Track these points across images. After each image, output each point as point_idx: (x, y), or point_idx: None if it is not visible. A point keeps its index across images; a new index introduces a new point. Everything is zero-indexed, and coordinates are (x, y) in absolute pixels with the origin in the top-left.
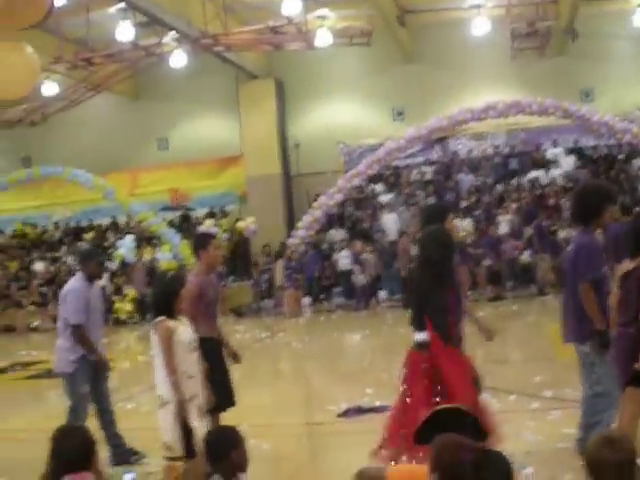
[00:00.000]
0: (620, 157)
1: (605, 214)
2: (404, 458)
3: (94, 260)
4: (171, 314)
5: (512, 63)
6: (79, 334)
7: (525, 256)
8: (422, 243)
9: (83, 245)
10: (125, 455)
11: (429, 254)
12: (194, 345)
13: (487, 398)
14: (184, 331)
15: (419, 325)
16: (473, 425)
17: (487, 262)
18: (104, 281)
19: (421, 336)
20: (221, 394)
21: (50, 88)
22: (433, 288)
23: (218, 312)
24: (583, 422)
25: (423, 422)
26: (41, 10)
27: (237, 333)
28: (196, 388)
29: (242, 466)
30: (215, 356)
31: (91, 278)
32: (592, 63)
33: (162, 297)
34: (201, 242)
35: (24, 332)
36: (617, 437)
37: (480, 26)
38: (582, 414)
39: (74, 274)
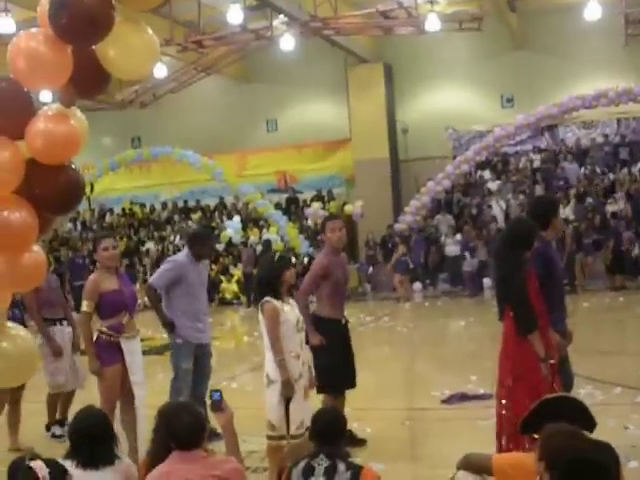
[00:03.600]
0: None
1: None
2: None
3: (201, 242)
4: (277, 295)
5: (625, 50)
6: (150, 294)
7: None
8: (500, 236)
9: (193, 226)
10: None
11: (502, 247)
12: (301, 326)
13: (590, 390)
14: (290, 311)
15: (502, 315)
16: (581, 414)
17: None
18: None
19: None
20: (341, 375)
21: (160, 70)
22: (510, 279)
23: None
24: None
25: (530, 412)
26: None
27: None
28: (302, 368)
29: (346, 452)
30: (337, 337)
31: (198, 257)
32: None
33: (267, 278)
34: (322, 225)
35: None
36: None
37: (592, 11)
38: None
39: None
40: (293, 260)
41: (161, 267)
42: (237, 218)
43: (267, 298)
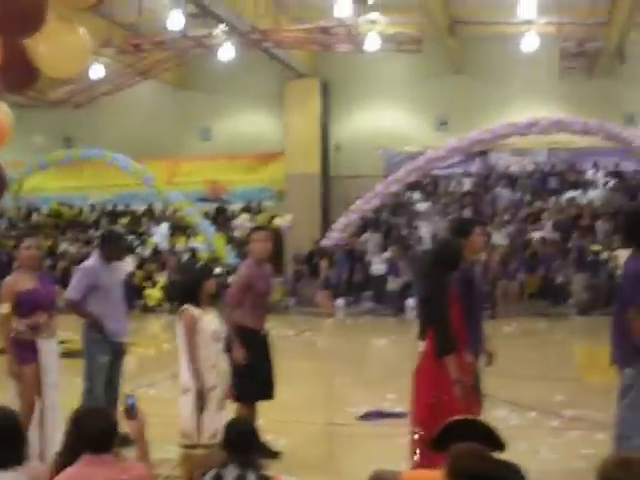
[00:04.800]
0: None
1: None
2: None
3: (110, 244)
4: (196, 303)
5: (559, 81)
6: (72, 308)
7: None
8: (426, 256)
9: (108, 228)
10: None
11: (427, 267)
12: (219, 335)
13: (506, 413)
14: (209, 321)
15: (422, 335)
16: (489, 436)
17: (521, 278)
18: (130, 266)
19: (422, 346)
20: (256, 386)
21: (97, 71)
22: (433, 300)
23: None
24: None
25: (441, 430)
26: None
27: None
28: (218, 378)
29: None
30: (257, 348)
31: (108, 259)
32: (638, 87)
33: (187, 286)
34: (248, 235)
35: None
36: (636, 460)
37: (530, 42)
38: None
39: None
40: (219, 270)
41: (73, 278)
42: (165, 225)
43: (186, 306)
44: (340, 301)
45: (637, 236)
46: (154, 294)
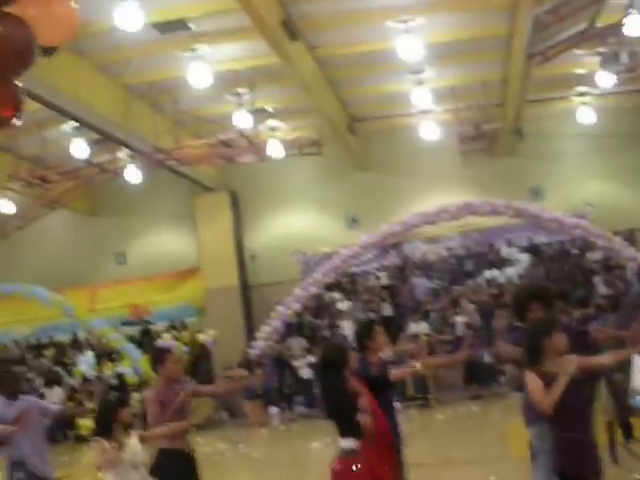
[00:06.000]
0: (574, 252)
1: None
2: None
3: (6, 380)
4: (109, 434)
5: (462, 165)
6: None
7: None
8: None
9: (46, 363)
10: None
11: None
12: (137, 462)
13: None
14: (128, 449)
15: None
16: None
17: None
18: (57, 397)
19: (348, 443)
20: None
21: (7, 206)
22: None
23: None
24: None
25: None
26: None
27: (197, 445)
28: None
29: None
30: (181, 469)
31: (10, 397)
32: (540, 162)
33: (99, 418)
34: (158, 357)
35: None
36: None
37: (429, 131)
38: None
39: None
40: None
41: None
42: (90, 353)
43: (96, 438)
44: (273, 409)
45: (517, 312)
46: (86, 424)
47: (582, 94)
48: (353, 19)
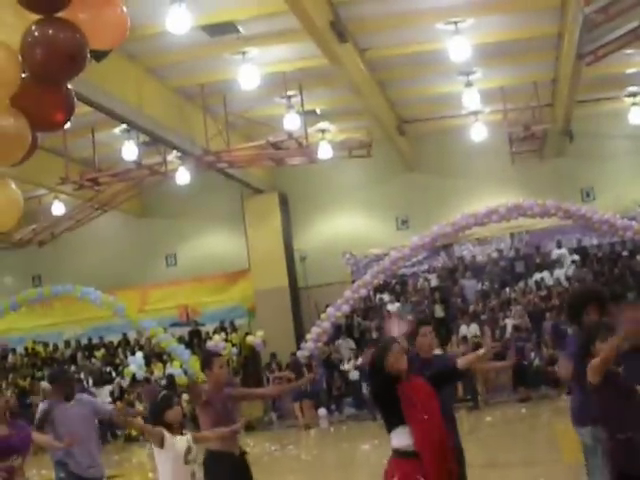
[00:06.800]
0: (624, 254)
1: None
2: None
3: (61, 381)
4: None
5: (512, 167)
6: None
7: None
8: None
9: (97, 364)
10: None
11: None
12: (191, 458)
13: None
14: (179, 442)
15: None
16: None
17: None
18: (105, 397)
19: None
20: None
21: (58, 208)
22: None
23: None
24: None
25: None
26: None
27: (247, 447)
28: None
29: None
30: (229, 471)
31: (66, 398)
32: (591, 162)
33: (150, 417)
34: (205, 361)
35: None
36: None
37: (478, 132)
38: None
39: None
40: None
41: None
42: (139, 354)
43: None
44: (322, 410)
45: (572, 315)
46: None
47: (633, 94)
48: (402, 21)
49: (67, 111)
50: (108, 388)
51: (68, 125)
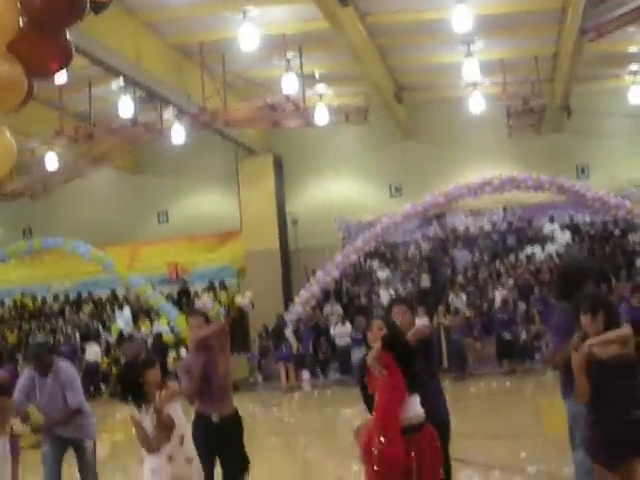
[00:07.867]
0: (616, 233)
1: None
2: None
3: (34, 361)
4: (139, 397)
5: (508, 140)
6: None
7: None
8: None
9: (84, 319)
10: None
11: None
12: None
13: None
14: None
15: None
16: None
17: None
18: (93, 355)
19: None
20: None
21: (51, 161)
22: None
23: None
24: None
25: None
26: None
27: None
28: (179, 468)
29: None
30: (201, 434)
31: (43, 374)
32: (587, 139)
33: (127, 379)
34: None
35: None
36: None
37: (476, 104)
38: None
39: (71, 344)
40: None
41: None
42: (127, 310)
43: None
44: (305, 373)
45: (564, 290)
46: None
47: (634, 73)
48: None
49: (64, 59)
50: (95, 344)
51: (65, 78)
